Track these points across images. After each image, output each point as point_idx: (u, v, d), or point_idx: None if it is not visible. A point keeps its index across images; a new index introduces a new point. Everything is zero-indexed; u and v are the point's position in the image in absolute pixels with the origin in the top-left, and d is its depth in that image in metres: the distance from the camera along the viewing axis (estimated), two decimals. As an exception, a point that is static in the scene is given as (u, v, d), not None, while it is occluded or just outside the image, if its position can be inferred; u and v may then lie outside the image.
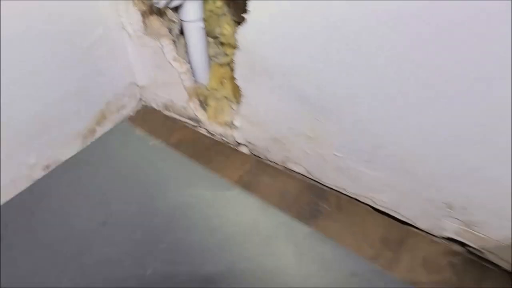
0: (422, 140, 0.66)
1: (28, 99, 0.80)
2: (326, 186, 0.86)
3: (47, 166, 0.90)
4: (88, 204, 0.81)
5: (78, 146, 0.95)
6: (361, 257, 0.75)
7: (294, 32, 0.67)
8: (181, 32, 0.92)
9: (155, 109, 1.05)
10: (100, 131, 0.99)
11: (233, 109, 0.92)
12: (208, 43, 0.95)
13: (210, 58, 0.97)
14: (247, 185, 0.87)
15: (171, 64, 0.92)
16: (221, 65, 0.96)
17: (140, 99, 1.06)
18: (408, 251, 0.76)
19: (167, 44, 0.90)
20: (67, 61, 0.85)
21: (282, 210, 0.82)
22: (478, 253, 0.74)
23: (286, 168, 0.90)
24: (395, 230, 0.79)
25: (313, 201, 0.84)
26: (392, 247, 0.77)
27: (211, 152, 0.95)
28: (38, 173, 0.89)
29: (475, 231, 0.72)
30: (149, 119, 1.03)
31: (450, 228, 0.74)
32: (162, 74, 0.95)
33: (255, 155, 0.93)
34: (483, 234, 0.71)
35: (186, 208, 0.80)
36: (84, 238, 0.71)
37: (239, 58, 0.79)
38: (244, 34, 0.74)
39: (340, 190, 0.84)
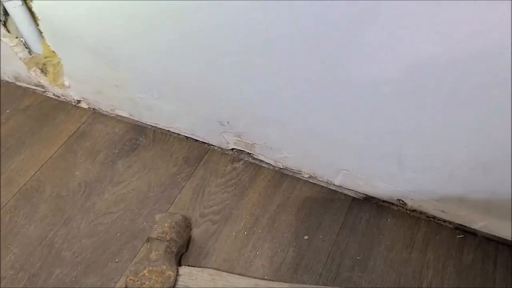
0: (192, 74, 0.84)
1: None
2: (146, 124, 1.04)
3: None
4: None
5: None
6: (167, 173, 0.94)
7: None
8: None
9: (8, 82, 1.19)
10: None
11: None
12: (37, 18, 1.09)
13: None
14: (82, 134, 1.04)
15: (2, 41, 1.05)
16: (52, 35, 1.10)
17: (-6, 75, 1.19)
18: (203, 164, 0.96)
19: (-7, 24, 1.04)
20: None
21: (108, 149, 1.00)
22: (255, 156, 0.94)
23: (116, 114, 1.07)
24: (196, 150, 0.99)
25: (134, 138, 1.02)
26: (192, 163, 0.96)
27: (55, 111, 1.11)
28: None
29: (243, 139, 0.92)
30: (3, 91, 1.17)
31: (230, 141, 0.94)
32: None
33: (91, 108, 1.10)
34: (249, 141, 0.91)
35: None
36: None
37: (43, 27, 0.95)
38: (38, 5, 0.89)
39: (155, 125, 1.03)
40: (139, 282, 0.73)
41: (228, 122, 0.89)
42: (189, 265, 0.77)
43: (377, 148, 0.77)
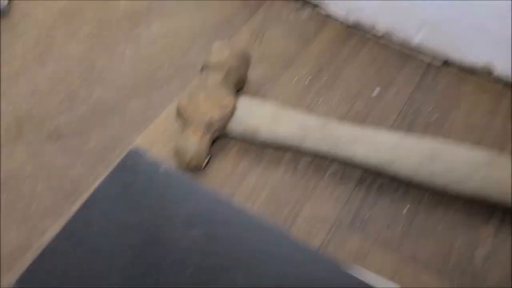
0: None
1: None
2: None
3: None
4: None
5: None
6: (223, 13, 0.85)
7: None
8: None
9: None
10: None
11: None
12: None
13: None
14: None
15: None
16: None
17: None
18: (263, 10, 0.86)
19: None
20: None
21: None
22: (322, 6, 0.84)
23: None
24: (256, -6, 0.88)
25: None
26: (251, 7, 0.86)
27: None
28: None
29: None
30: None
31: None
32: None
33: None
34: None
35: None
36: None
37: None
38: None
39: (212, -36, 0.91)
40: (193, 106, 0.65)
41: (302, -42, 0.78)
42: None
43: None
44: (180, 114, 0.66)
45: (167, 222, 0.57)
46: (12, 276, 0.55)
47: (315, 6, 0.85)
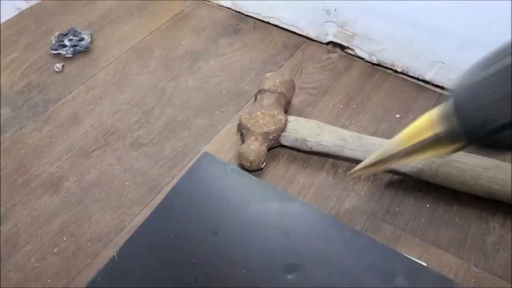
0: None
1: None
2: (247, 15, 1.12)
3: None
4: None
5: None
6: (267, 53, 1.02)
7: None
8: None
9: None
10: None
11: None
12: None
13: None
14: (187, 15, 1.13)
15: None
16: None
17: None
18: (301, 51, 1.04)
19: None
20: None
21: (212, 29, 1.08)
22: (349, 51, 1.02)
23: (218, 4, 1.15)
24: (293, 39, 1.06)
25: (236, 23, 1.10)
26: (290, 49, 1.04)
27: (159, -6, 1.19)
28: None
29: (345, 30, 0.99)
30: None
31: (330, 32, 1.02)
32: None
33: (194, -4, 1.18)
34: (350, 32, 0.99)
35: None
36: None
37: None
38: None
39: (257, 16, 1.11)
40: (253, 120, 0.81)
41: (335, 10, 0.97)
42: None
43: (480, 39, 0.84)
44: (242, 127, 0.82)
45: (239, 207, 0.71)
46: (113, 249, 0.68)
47: (344, 47, 1.02)
